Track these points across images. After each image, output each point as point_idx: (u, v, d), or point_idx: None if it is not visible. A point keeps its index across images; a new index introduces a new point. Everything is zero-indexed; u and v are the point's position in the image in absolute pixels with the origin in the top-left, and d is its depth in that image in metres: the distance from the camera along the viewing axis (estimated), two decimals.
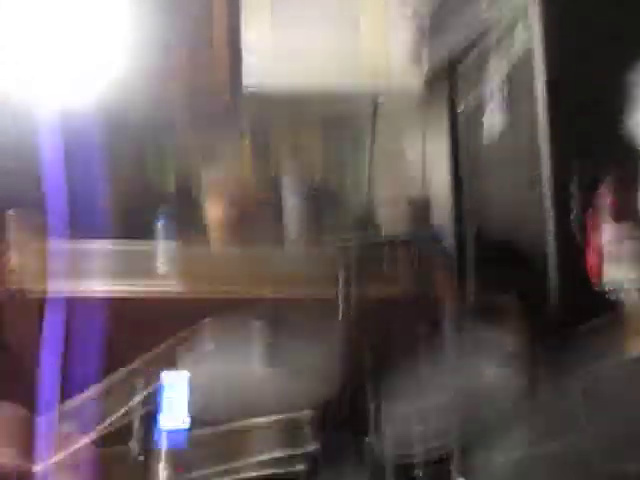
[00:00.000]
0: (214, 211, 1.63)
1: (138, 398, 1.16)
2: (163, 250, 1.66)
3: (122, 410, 1.15)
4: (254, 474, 0.99)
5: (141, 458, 1.12)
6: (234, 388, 0.99)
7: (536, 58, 0.92)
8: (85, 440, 1.11)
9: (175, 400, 1.12)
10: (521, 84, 1.00)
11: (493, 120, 1.11)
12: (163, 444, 1.09)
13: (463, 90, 1.24)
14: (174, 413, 1.12)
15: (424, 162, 1.57)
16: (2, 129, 1.75)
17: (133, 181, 2.24)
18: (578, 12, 0.92)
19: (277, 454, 1.00)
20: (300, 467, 1.00)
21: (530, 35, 0.93)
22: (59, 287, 1.47)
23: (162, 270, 1.66)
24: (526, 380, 0.80)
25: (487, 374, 0.92)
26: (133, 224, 2.07)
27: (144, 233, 1.84)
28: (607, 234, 0.80)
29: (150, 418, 1.15)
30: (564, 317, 0.89)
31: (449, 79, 1.30)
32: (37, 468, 1.06)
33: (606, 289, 0.81)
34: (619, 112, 0.87)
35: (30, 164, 1.76)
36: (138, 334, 1.35)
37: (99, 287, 1.49)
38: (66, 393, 1.18)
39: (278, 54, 2.07)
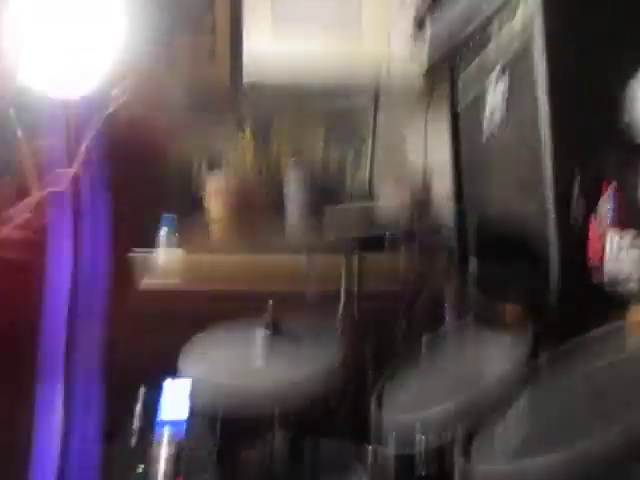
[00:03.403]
0: (215, 204, 1.63)
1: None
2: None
3: None
4: None
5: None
6: (236, 360, 0.99)
7: (536, 46, 0.91)
8: None
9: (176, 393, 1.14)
10: (522, 73, 0.99)
11: (494, 111, 1.10)
12: (163, 435, 1.08)
13: (463, 80, 1.24)
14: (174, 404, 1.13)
15: (425, 153, 1.57)
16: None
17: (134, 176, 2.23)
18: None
19: None
20: None
21: (530, 23, 0.92)
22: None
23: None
24: (528, 372, 0.79)
25: (489, 367, 0.92)
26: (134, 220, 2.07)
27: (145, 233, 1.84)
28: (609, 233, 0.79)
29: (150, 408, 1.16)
30: (565, 309, 0.89)
31: (449, 69, 1.30)
32: None
33: (607, 282, 0.81)
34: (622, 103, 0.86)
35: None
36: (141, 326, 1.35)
37: None
38: None
39: (279, 46, 2.07)
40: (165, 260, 1.49)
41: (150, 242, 1.67)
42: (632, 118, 0.85)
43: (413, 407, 0.87)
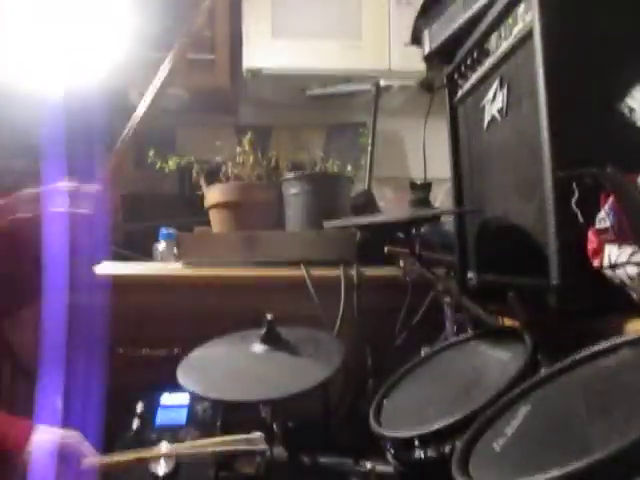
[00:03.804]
0: (215, 197, 1.63)
1: None
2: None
3: None
4: None
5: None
6: (234, 371, 1.00)
7: (535, 40, 0.90)
8: None
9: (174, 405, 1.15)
10: (521, 82, 0.99)
11: (493, 105, 1.10)
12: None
13: (463, 73, 1.23)
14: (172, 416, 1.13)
15: (424, 158, 1.57)
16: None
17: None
18: None
19: None
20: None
21: (531, 16, 0.92)
22: None
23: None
24: (528, 384, 0.79)
25: (489, 378, 0.92)
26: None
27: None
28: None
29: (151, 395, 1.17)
30: (565, 302, 0.88)
31: (447, 79, 1.30)
32: None
33: (607, 274, 0.80)
34: (621, 98, 0.86)
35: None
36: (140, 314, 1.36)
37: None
38: None
39: (279, 48, 2.06)
40: (164, 273, 1.50)
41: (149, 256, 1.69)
42: (633, 126, 0.84)
43: (411, 420, 0.87)
